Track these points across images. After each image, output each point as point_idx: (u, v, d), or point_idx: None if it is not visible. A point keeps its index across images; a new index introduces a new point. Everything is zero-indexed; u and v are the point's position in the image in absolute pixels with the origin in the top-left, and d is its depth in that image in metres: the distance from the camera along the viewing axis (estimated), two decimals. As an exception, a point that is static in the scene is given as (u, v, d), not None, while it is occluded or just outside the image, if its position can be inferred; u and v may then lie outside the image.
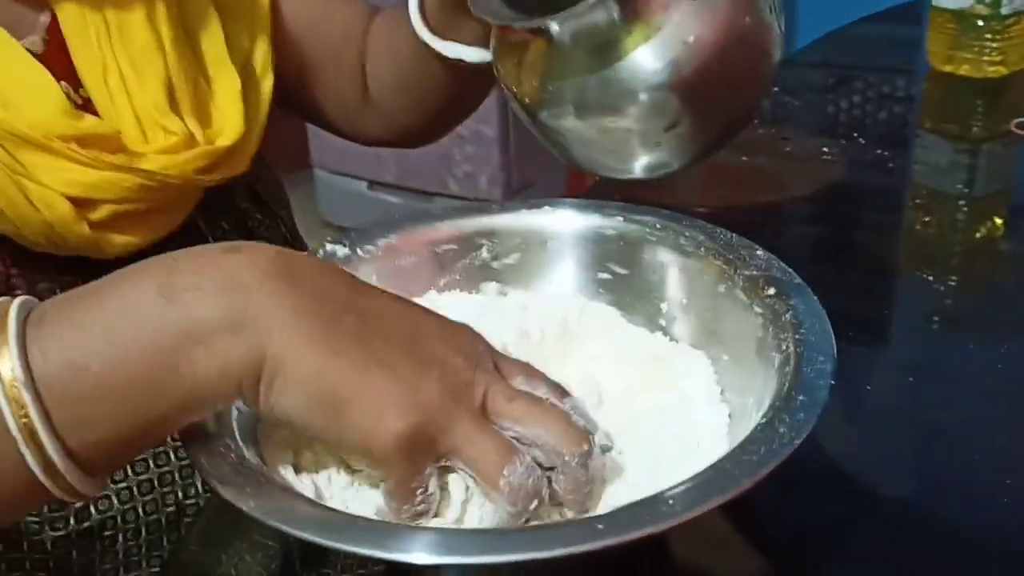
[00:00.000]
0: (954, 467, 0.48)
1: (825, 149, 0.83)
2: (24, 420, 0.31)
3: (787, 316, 0.40)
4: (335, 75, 0.67)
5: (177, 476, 0.54)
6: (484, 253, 0.49)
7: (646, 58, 0.46)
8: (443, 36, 0.57)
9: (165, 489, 0.54)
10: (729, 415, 0.41)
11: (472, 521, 0.35)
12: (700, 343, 0.45)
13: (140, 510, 0.53)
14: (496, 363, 0.37)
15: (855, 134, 0.86)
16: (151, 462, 0.53)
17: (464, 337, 0.37)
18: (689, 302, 0.46)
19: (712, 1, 0.46)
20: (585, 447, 0.34)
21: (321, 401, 0.33)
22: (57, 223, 0.48)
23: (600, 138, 0.49)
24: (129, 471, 0.53)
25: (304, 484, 0.36)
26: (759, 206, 0.77)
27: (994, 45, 0.89)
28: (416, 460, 0.33)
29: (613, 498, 0.36)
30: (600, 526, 0.31)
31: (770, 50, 0.49)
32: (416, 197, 2.07)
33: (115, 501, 0.53)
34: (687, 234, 0.47)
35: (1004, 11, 0.87)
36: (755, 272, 0.43)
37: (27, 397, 0.31)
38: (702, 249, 0.46)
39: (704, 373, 0.44)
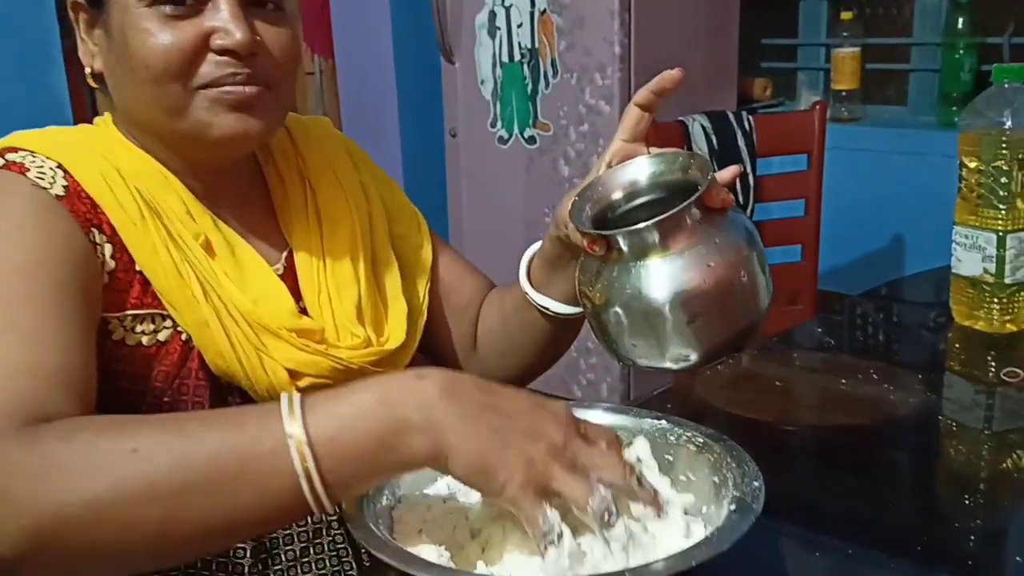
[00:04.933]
0: None
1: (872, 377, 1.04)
2: (304, 465, 0.54)
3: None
4: (456, 325, 0.95)
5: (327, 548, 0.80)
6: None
7: (678, 269, 0.67)
8: (538, 291, 0.85)
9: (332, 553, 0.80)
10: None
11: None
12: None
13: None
14: (586, 431, 0.59)
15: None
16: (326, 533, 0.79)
17: (561, 416, 0.59)
18: (686, 480, 0.68)
19: (725, 246, 0.68)
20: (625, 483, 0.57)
21: (476, 471, 0.55)
22: (277, 384, 0.74)
23: (640, 324, 0.70)
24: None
25: (424, 552, 0.59)
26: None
27: (998, 307, 1.09)
28: (535, 497, 0.55)
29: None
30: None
31: (760, 284, 0.71)
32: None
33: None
34: (692, 436, 0.68)
35: (1007, 280, 1.07)
36: (735, 492, 0.62)
37: (307, 450, 0.54)
38: (705, 450, 0.67)
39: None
